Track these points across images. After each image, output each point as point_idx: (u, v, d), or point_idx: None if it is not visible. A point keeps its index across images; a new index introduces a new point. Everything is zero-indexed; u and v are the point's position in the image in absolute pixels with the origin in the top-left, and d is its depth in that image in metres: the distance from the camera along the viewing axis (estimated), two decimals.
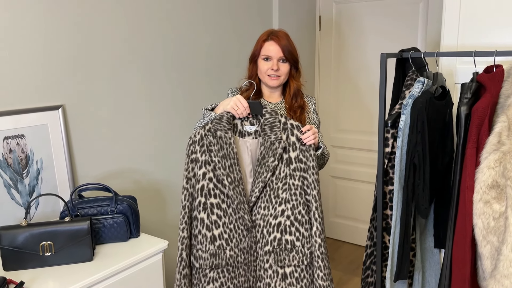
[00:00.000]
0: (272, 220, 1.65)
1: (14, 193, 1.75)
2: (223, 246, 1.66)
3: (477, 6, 1.94)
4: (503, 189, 1.49)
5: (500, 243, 1.48)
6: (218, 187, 1.65)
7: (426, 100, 1.68)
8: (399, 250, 1.78)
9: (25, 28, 1.74)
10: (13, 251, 1.56)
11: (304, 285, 1.67)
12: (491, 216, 1.50)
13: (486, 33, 1.94)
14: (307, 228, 1.66)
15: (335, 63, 3.53)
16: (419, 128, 1.68)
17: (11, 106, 1.73)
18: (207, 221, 1.65)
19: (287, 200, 1.65)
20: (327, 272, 1.66)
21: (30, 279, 1.52)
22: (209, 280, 1.67)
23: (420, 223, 1.99)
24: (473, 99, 1.65)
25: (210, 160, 1.63)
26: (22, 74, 1.75)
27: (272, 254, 1.65)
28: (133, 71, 2.18)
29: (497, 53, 1.64)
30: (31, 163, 1.80)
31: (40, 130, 1.82)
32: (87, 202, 1.79)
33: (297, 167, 1.64)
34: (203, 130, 1.65)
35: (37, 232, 1.59)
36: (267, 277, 1.67)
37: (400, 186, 1.76)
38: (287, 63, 1.77)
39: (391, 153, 1.86)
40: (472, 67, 1.75)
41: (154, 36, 2.26)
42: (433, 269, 2.03)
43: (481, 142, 1.56)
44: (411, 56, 1.86)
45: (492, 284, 1.49)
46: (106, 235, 1.77)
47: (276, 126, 1.64)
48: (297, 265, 1.66)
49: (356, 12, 3.35)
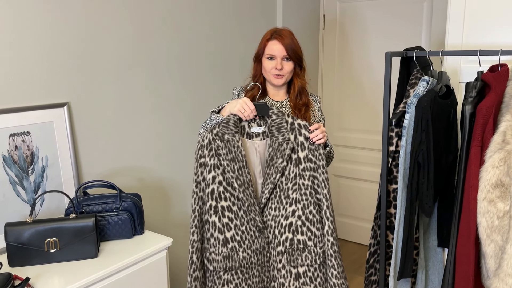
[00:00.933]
0: (283, 220, 1.66)
1: (20, 190, 1.76)
2: (236, 248, 1.67)
3: (482, 5, 1.93)
4: (507, 188, 1.49)
5: (504, 242, 1.48)
6: (228, 190, 1.66)
7: (431, 99, 1.68)
8: (402, 248, 1.79)
9: (31, 26, 1.75)
10: (18, 247, 1.57)
11: (318, 284, 1.68)
12: (495, 215, 1.50)
13: (491, 32, 1.93)
14: (319, 228, 1.67)
15: (339, 62, 3.52)
16: (424, 127, 1.68)
17: (16, 103, 1.74)
18: (218, 224, 1.66)
19: (298, 200, 1.65)
20: (341, 270, 1.67)
21: (36, 275, 1.53)
22: (223, 282, 1.68)
23: (424, 222, 1.99)
24: (478, 98, 1.64)
25: (219, 163, 1.64)
26: (28, 71, 1.76)
27: (284, 255, 1.67)
28: (138, 70, 2.19)
29: (502, 52, 1.64)
30: (37, 160, 1.81)
31: (45, 128, 1.82)
32: (92, 199, 1.80)
33: (307, 166, 1.65)
34: (211, 134, 1.65)
35: (42, 229, 1.59)
36: (281, 277, 1.68)
37: (404, 185, 1.76)
38: (291, 61, 1.77)
39: (395, 152, 1.86)
40: (477, 66, 1.75)
41: (159, 36, 2.26)
42: (436, 268, 2.03)
43: (486, 141, 1.56)
44: (415, 55, 1.86)
45: (496, 283, 1.49)
46: (110, 232, 1.78)
47: (283, 127, 1.64)
48: (310, 265, 1.67)
49: (360, 11, 3.34)
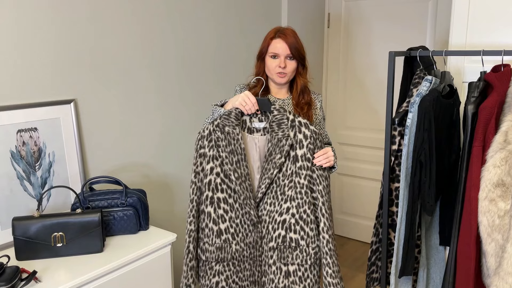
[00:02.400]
0: (277, 216, 1.67)
1: (27, 185, 1.79)
2: (229, 240, 1.69)
3: (486, 5, 1.94)
4: (508, 187, 1.50)
5: (504, 240, 1.50)
6: (225, 182, 1.67)
7: (433, 99, 1.69)
8: (404, 246, 1.80)
9: (41, 25, 1.78)
10: (25, 241, 1.60)
11: (307, 285, 1.67)
12: (496, 214, 1.51)
13: (494, 32, 1.94)
14: (312, 228, 1.66)
15: (343, 61, 3.53)
16: (426, 126, 1.69)
17: (24, 100, 1.77)
18: (214, 215, 1.68)
19: (293, 198, 1.65)
20: (336, 269, 1.66)
21: (42, 268, 1.56)
22: (215, 273, 1.70)
23: (426, 220, 2.00)
24: (480, 98, 1.65)
25: (218, 155, 1.66)
26: (36, 69, 1.79)
27: (276, 251, 1.67)
28: (143, 68, 2.21)
29: (505, 52, 1.65)
30: (44, 156, 1.83)
31: (52, 124, 1.85)
32: (98, 195, 1.83)
33: (304, 165, 1.64)
34: (212, 125, 1.67)
35: (49, 223, 1.62)
36: (271, 273, 1.69)
37: (406, 183, 1.78)
38: (294, 60, 1.78)
39: (398, 151, 1.87)
40: (480, 66, 1.75)
41: (164, 34, 2.28)
42: (438, 266, 2.04)
43: (488, 141, 1.57)
44: (419, 54, 1.87)
45: (496, 281, 1.50)
46: (116, 227, 1.81)
47: (284, 123, 1.65)
48: (300, 264, 1.67)
49: (365, 10, 3.35)
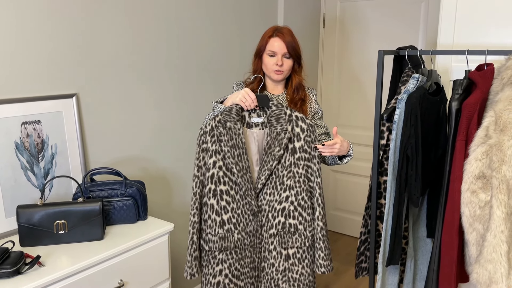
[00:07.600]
0: (277, 205, 1.76)
1: (30, 175, 1.86)
2: (231, 230, 1.77)
3: (473, 6, 2.02)
4: (488, 179, 1.57)
5: (485, 230, 1.57)
6: (227, 175, 1.75)
7: (420, 95, 1.77)
8: (391, 237, 1.88)
9: (44, 21, 1.85)
10: (29, 228, 1.67)
11: (305, 265, 1.80)
12: (477, 205, 1.59)
13: (481, 33, 2.01)
14: (309, 213, 1.78)
15: (338, 60, 3.61)
16: (413, 122, 1.76)
17: (28, 93, 1.84)
18: (216, 206, 1.76)
19: (291, 187, 1.75)
20: (327, 252, 1.78)
21: (45, 254, 1.63)
22: (218, 262, 1.79)
23: (413, 213, 2.07)
24: (464, 95, 1.73)
25: (220, 149, 1.74)
26: (39, 64, 1.86)
27: (276, 237, 1.77)
28: (143, 64, 2.28)
29: (488, 52, 1.72)
30: (46, 148, 1.91)
31: (55, 117, 1.92)
32: (99, 185, 1.90)
33: (301, 156, 1.75)
34: (214, 121, 1.74)
35: (52, 211, 1.69)
36: (272, 258, 1.78)
37: (393, 177, 1.85)
38: (291, 58, 1.84)
39: (386, 146, 1.95)
40: (466, 65, 1.83)
41: (161, 31, 2.36)
42: (425, 257, 2.11)
43: (470, 136, 1.64)
44: (407, 53, 1.95)
45: (477, 269, 1.58)
46: (116, 216, 1.88)
47: (282, 117, 1.73)
48: (299, 247, 1.78)
49: (360, 11, 3.43)
